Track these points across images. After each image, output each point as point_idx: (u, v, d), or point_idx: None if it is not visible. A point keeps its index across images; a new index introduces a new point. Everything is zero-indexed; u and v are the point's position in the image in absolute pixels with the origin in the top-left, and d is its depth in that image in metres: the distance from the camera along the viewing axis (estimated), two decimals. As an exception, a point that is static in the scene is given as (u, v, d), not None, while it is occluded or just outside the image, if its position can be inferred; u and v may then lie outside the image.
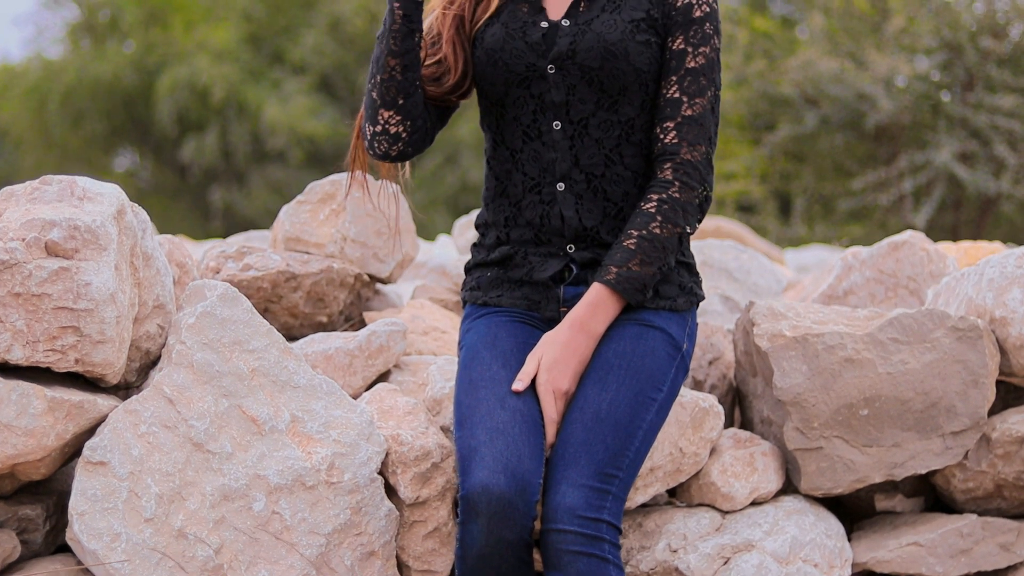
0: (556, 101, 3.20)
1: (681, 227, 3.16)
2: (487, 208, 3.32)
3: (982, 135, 11.40)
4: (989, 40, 11.38)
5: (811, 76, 11.40)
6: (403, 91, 3.17)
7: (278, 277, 3.69)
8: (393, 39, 3.15)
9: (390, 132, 3.20)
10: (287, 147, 20.40)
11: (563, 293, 3.23)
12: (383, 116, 3.19)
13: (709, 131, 3.22)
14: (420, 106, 3.20)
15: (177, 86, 20.58)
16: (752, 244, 7.08)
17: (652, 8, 3.22)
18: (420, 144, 3.24)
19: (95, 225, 3.03)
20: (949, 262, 4.05)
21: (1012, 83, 11.38)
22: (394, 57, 3.15)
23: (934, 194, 11.22)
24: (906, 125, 11.61)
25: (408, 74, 3.17)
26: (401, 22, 3.15)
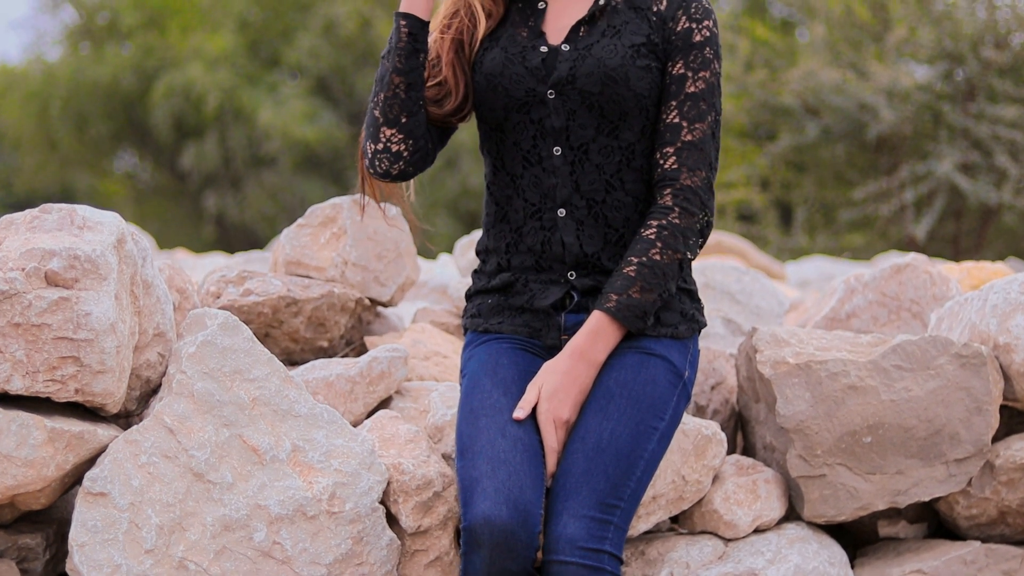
0: (556, 126, 3.19)
1: (681, 253, 3.15)
2: (487, 234, 3.31)
3: (983, 145, 11.38)
4: (990, 50, 11.36)
5: (812, 86, 11.38)
6: (406, 109, 3.16)
7: (279, 302, 3.68)
8: (398, 57, 3.14)
9: (392, 150, 3.18)
10: (281, 152, 20.37)
11: (564, 321, 3.22)
12: (385, 134, 3.17)
13: (709, 156, 3.21)
14: (423, 126, 3.19)
15: (172, 92, 20.56)
16: (753, 259, 7.07)
17: (652, 33, 3.21)
18: (421, 164, 3.23)
19: (95, 255, 3.02)
20: (952, 285, 4.03)
21: (1014, 93, 11.36)
22: (399, 75, 3.14)
23: (935, 204, 11.21)
24: (907, 135, 11.59)
25: (412, 93, 3.15)
26: (407, 40, 3.14)
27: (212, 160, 20.94)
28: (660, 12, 3.23)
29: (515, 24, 3.27)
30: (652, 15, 3.23)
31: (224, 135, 20.94)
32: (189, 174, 21.73)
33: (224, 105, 20.40)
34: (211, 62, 20.57)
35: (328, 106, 21.09)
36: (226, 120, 20.84)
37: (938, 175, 11.11)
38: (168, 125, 20.87)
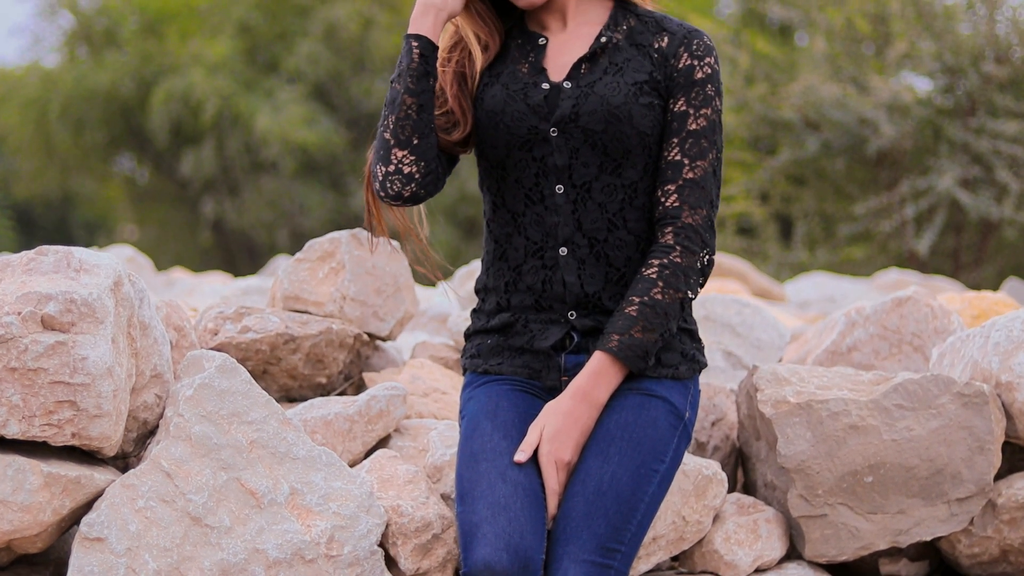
0: (559, 165, 3.17)
1: (683, 292, 3.13)
2: (486, 272, 3.29)
3: (984, 160, 11.36)
4: (991, 65, 11.35)
5: (812, 101, 11.36)
6: (418, 130, 3.13)
7: (277, 339, 3.66)
8: (411, 78, 3.12)
9: (403, 172, 3.14)
10: (279, 157, 20.33)
11: (564, 362, 3.20)
12: (396, 155, 3.14)
13: (711, 194, 3.19)
14: (434, 148, 3.16)
15: (171, 98, 20.53)
16: (753, 281, 7.05)
17: (654, 70, 3.19)
18: (432, 187, 3.19)
19: (92, 298, 3.00)
20: (953, 319, 4.02)
21: (1014, 108, 11.33)
22: (411, 96, 3.12)
23: (936, 220, 11.18)
24: (908, 150, 11.57)
25: (423, 114, 3.13)
26: (419, 62, 3.12)
27: (210, 166, 20.90)
28: (662, 49, 3.21)
29: (515, 60, 3.25)
30: (654, 52, 3.21)
31: (222, 141, 20.90)
32: (188, 180, 21.70)
33: (222, 111, 20.36)
34: (210, 68, 20.54)
35: (326, 111, 21.06)
36: (224, 126, 20.81)
37: (939, 190, 11.09)
38: (166, 131, 20.84)
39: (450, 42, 3.27)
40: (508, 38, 3.30)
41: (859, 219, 11.68)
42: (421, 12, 3.16)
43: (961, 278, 11.87)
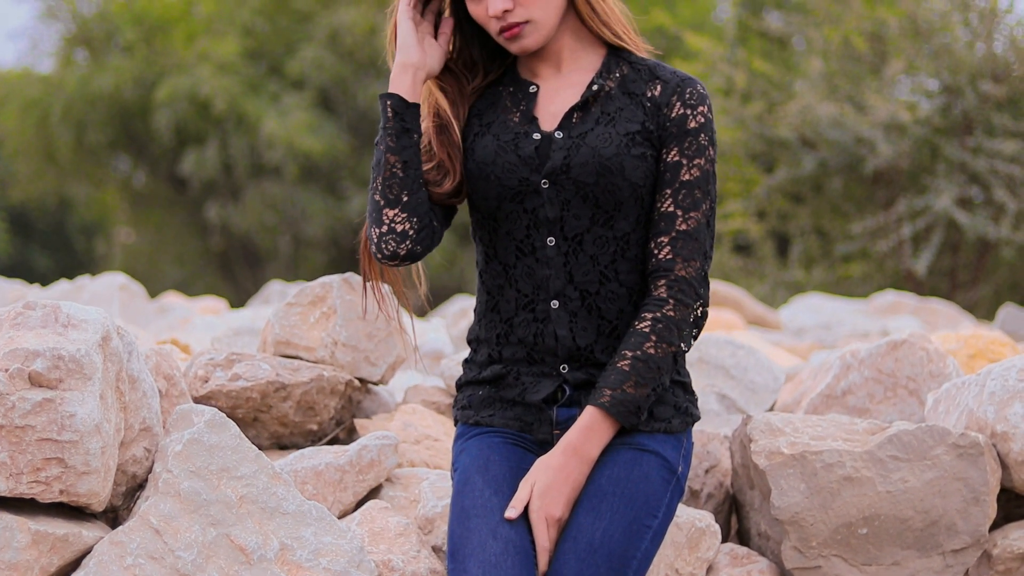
0: (550, 217, 3.14)
1: (676, 346, 3.11)
2: (479, 323, 3.26)
3: (981, 179, 11.35)
4: (989, 84, 11.33)
5: (809, 120, 11.35)
6: (406, 187, 3.10)
7: (267, 387, 3.63)
8: (390, 137, 3.10)
9: (396, 230, 3.11)
10: (284, 162, 20.29)
11: (556, 415, 3.18)
12: (388, 216, 3.11)
13: (704, 245, 3.17)
14: (425, 203, 3.13)
15: (176, 96, 20.47)
16: (748, 309, 7.03)
17: (647, 120, 3.17)
18: (428, 242, 3.16)
19: (79, 354, 2.98)
20: (949, 363, 3.99)
21: (1012, 127, 11.32)
22: (393, 154, 3.10)
23: (933, 239, 11.17)
24: (905, 169, 11.56)
25: (409, 171, 3.11)
26: (394, 120, 3.10)
27: (212, 167, 20.83)
28: (655, 98, 3.18)
29: (506, 109, 3.22)
30: (646, 101, 3.18)
31: (226, 143, 20.85)
32: (189, 182, 21.64)
33: (230, 110, 20.31)
34: (218, 66, 20.49)
35: (330, 117, 21.02)
36: (227, 128, 20.76)
37: (936, 210, 11.07)
38: (170, 130, 20.78)
39: (426, 108, 3.24)
40: (499, 85, 3.27)
41: (856, 238, 11.66)
42: (399, 72, 3.14)
43: (958, 297, 11.85)
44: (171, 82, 20.46)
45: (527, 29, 3.16)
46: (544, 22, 3.17)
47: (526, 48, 3.18)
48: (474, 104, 3.26)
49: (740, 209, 12.22)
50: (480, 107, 3.25)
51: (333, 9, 21.06)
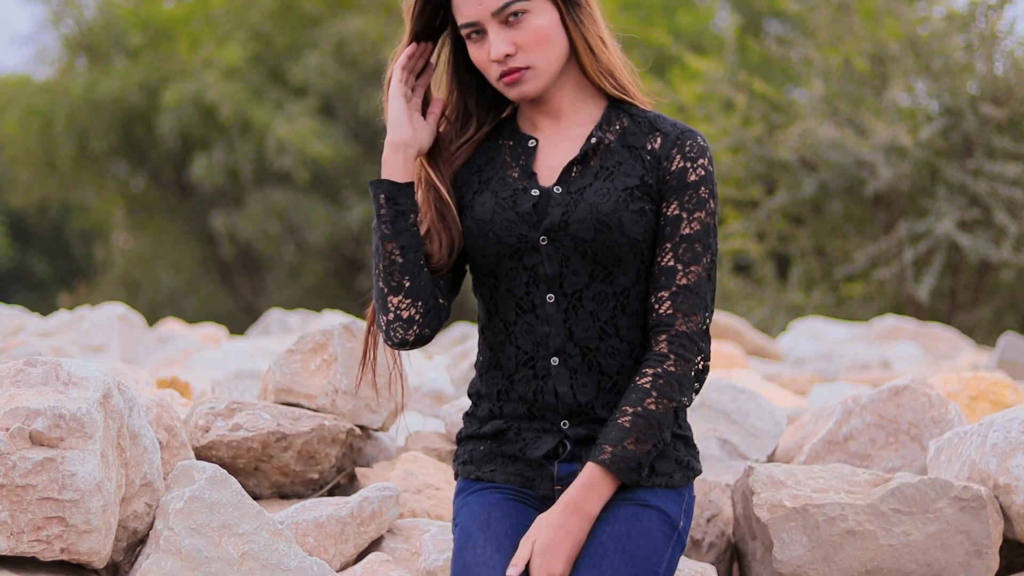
0: (549, 273, 3.13)
1: (677, 401, 3.10)
2: (480, 378, 3.25)
3: (981, 201, 11.35)
4: (989, 106, 11.33)
5: (810, 143, 11.35)
6: (407, 272, 3.10)
7: (268, 438, 3.63)
8: (384, 224, 3.09)
9: (403, 317, 3.12)
10: (293, 168, 20.25)
11: (557, 471, 3.16)
12: (392, 303, 3.12)
13: (705, 299, 3.16)
14: (428, 285, 3.13)
15: (182, 102, 20.45)
16: (748, 340, 7.03)
17: (646, 174, 3.16)
18: (435, 323, 3.16)
19: (80, 413, 2.98)
20: (951, 408, 3.99)
21: (1013, 149, 11.32)
22: (390, 241, 3.09)
23: (935, 263, 11.16)
24: (905, 191, 11.56)
25: (408, 255, 3.10)
26: (387, 206, 3.10)
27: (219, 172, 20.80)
28: (654, 151, 3.17)
29: (505, 164, 3.21)
30: (646, 154, 3.17)
31: (231, 149, 20.82)
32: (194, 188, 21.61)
33: (237, 116, 20.29)
34: (224, 72, 20.47)
35: (332, 124, 21.02)
36: (232, 134, 20.74)
37: (938, 233, 11.07)
38: (175, 135, 20.75)
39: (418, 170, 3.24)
40: (499, 138, 3.26)
41: (856, 263, 11.66)
42: (391, 151, 3.13)
43: (958, 318, 11.85)
44: (176, 88, 20.43)
45: (527, 75, 3.15)
46: (545, 69, 3.16)
47: (525, 95, 3.17)
48: (473, 159, 3.25)
49: (740, 230, 12.20)
50: (479, 162, 3.24)
51: (341, 17, 21.06)
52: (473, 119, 3.28)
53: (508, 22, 3.13)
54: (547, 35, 3.14)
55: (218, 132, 20.84)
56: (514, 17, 3.12)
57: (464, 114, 3.28)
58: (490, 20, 3.13)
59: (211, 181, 20.87)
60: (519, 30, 3.12)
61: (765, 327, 11.91)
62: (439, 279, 3.18)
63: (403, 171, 3.13)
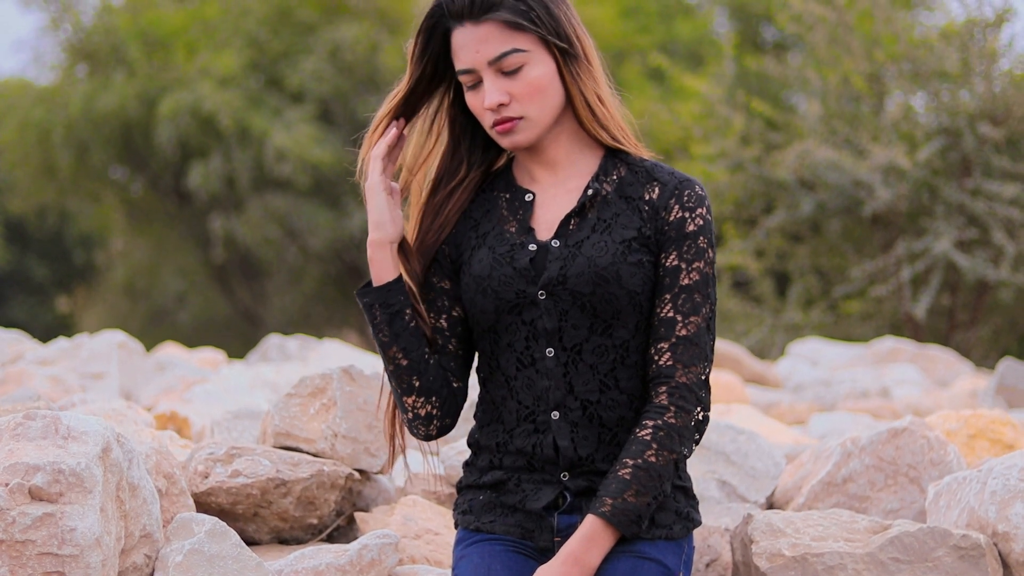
0: (548, 328, 3.14)
1: (677, 453, 3.10)
2: (480, 430, 3.25)
3: (979, 221, 11.35)
4: (987, 126, 11.34)
5: (808, 164, 11.36)
6: (414, 372, 3.13)
7: (267, 484, 3.63)
8: (381, 331, 3.14)
9: (420, 415, 3.17)
10: (292, 174, 20.25)
11: (557, 522, 3.17)
12: (408, 403, 3.17)
13: (704, 350, 3.16)
14: (439, 377, 3.16)
15: (179, 111, 20.44)
16: (747, 367, 7.04)
17: (644, 225, 3.16)
18: (454, 410, 3.21)
19: (80, 468, 2.98)
20: (950, 451, 3.99)
21: (1011, 169, 11.33)
22: (390, 346, 3.14)
23: (932, 282, 11.17)
24: (903, 211, 11.57)
25: (412, 355, 3.13)
26: (381, 312, 3.13)
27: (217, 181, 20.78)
28: (652, 201, 3.17)
29: (503, 219, 3.21)
30: (644, 204, 3.17)
31: (230, 156, 20.81)
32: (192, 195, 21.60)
33: (232, 125, 20.28)
34: (220, 81, 20.46)
35: (331, 130, 21.01)
36: (231, 142, 20.73)
37: (935, 253, 11.08)
38: (173, 145, 20.75)
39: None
40: (494, 190, 3.26)
41: (853, 281, 11.67)
42: (377, 250, 3.16)
43: (956, 337, 11.85)
44: (174, 97, 20.43)
45: (520, 125, 3.15)
46: (538, 120, 3.16)
47: (517, 144, 3.17)
48: (470, 213, 3.25)
49: (739, 248, 12.21)
50: (476, 216, 3.24)
51: (336, 24, 21.06)
52: (464, 163, 3.29)
53: (504, 71, 3.13)
54: (542, 86, 3.14)
55: (217, 140, 20.83)
56: (510, 67, 3.13)
57: (456, 157, 3.29)
58: (486, 68, 3.13)
59: (208, 189, 20.84)
60: (514, 80, 3.13)
61: (764, 347, 11.91)
62: (450, 360, 3.19)
63: (392, 268, 3.15)
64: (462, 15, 3.13)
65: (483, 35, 3.12)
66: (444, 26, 3.17)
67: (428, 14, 3.18)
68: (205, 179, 20.79)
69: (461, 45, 3.14)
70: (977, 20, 11.69)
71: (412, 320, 3.14)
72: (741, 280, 13.46)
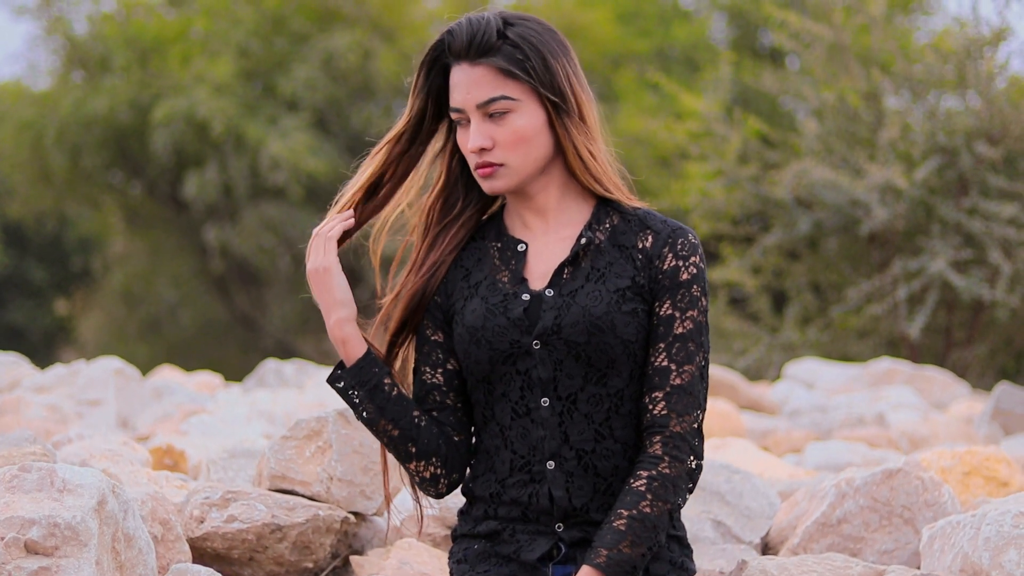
0: (543, 377, 3.14)
1: (672, 503, 3.11)
2: (474, 480, 3.26)
3: (976, 240, 11.36)
4: (984, 145, 11.35)
5: (805, 183, 11.37)
6: (409, 439, 3.15)
7: (263, 529, 3.64)
8: (364, 410, 3.16)
9: (426, 477, 3.20)
10: (287, 183, 20.24)
11: (552, 573, 3.17)
12: (411, 468, 3.20)
13: (698, 398, 3.17)
14: (436, 437, 3.17)
15: (173, 118, 20.44)
16: (743, 394, 7.04)
17: (638, 274, 3.16)
18: (459, 465, 3.23)
19: (75, 521, 2.98)
20: (944, 492, 4.00)
21: (1008, 188, 11.34)
22: (377, 422, 3.16)
23: (928, 301, 11.18)
24: (900, 230, 11.58)
25: (402, 423, 3.15)
26: (359, 391, 3.14)
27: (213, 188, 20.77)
28: (646, 250, 3.18)
29: (495, 268, 3.22)
30: (637, 253, 3.18)
31: (225, 164, 20.80)
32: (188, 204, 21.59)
33: (226, 133, 20.28)
34: (214, 88, 20.46)
35: (326, 138, 21.01)
36: (226, 150, 20.73)
37: (931, 272, 11.09)
38: (167, 152, 20.74)
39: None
40: (485, 240, 3.27)
41: (850, 301, 11.67)
42: (343, 329, 3.16)
43: (953, 356, 11.86)
44: (168, 104, 20.43)
45: (500, 172, 3.16)
46: (519, 170, 3.17)
47: (495, 189, 3.18)
48: (460, 261, 3.25)
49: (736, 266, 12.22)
50: (467, 265, 3.24)
51: (328, 32, 21.07)
52: (461, 199, 3.30)
53: (491, 116, 3.15)
54: (526, 137, 3.15)
55: (212, 148, 20.83)
56: (497, 113, 3.14)
57: (454, 193, 3.30)
58: (474, 110, 3.15)
59: (204, 198, 20.83)
60: (500, 126, 3.14)
61: (761, 366, 11.92)
62: (449, 415, 3.20)
63: (361, 342, 3.16)
64: (460, 55, 3.15)
65: (476, 77, 3.14)
66: (444, 62, 3.19)
67: (431, 48, 3.20)
68: (201, 189, 20.78)
69: (455, 84, 3.16)
70: (975, 38, 11.71)
71: (392, 388, 3.15)
72: (737, 296, 13.47)
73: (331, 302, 3.17)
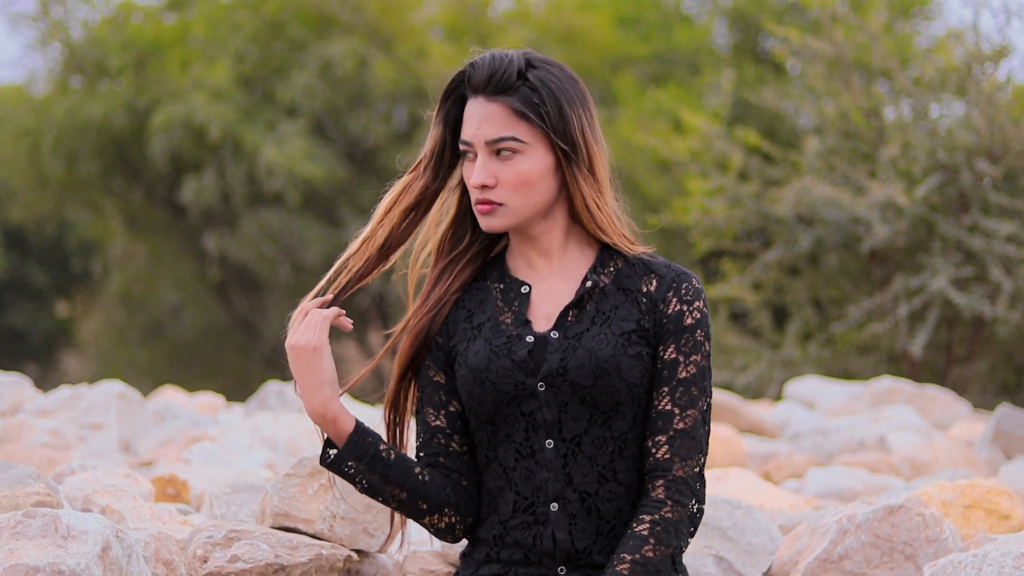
0: (548, 419, 3.15)
1: (675, 547, 3.12)
2: (478, 522, 3.27)
3: (977, 257, 11.37)
4: (984, 162, 11.36)
5: (806, 200, 11.38)
6: (418, 497, 3.17)
7: (266, 569, 3.64)
8: (366, 482, 3.16)
9: (441, 528, 3.21)
10: (284, 189, 20.22)
11: (555, 616, 3.18)
12: (426, 522, 3.21)
13: (701, 443, 3.18)
14: (443, 488, 3.18)
15: (172, 123, 20.43)
16: (744, 417, 7.05)
17: (643, 318, 3.17)
18: (473, 508, 3.23)
19: (80, 569, 3.00)
20: (946, 528, 4.01)
21: (1008, 206, 11.34)
22: (382, 491, 3.17)
23: (929, 319, 11.19)
24: (901, 247, 11.59)
25: (407, 484, 3.16)
26: (356, 465, 3.15)
27: (211, 194, 20.75)
28: (650, 294, 3.19)
29: (498, 310, 3.23)
30: (642, 297, 3.19)
31: (223, 170, 20.79)
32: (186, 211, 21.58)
33: (224, 139, 20.27)
34: (212, 94, 20.46)
35: (325, 145, 21.01)
36: (224, 155, 20.72)
37: (932, 290, 11.09)
38: (165, 157, 20.73)
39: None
40: (488, 281, 3.28)
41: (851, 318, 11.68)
42: (329, 407, 3.13)
43: (953, 373, 11.87)
44: (166, 109, 20.43)
45: (499, 211, 3.18)
46: (519, 211, 3.18)
47: (492, 228, 3.19)
48: (463, 302, 3.26)
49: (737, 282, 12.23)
50: (469, 306, 3.25)
51: (326, 40, 21.08)
52: (469, 232, 3.31)
53: (498, 154, 3.16)
54: (530, 181, 3.16)
55: (209, 153, 20.82)
56: (504, 152, 3.15)
57: (463, 225, 3.31)
58: (482, 146, 3.16)
59: (202, 204, 20.83)
60: (505, 165, 3.15)
61: (762, 383, 11.93)
62: (455, 460, 3.20)
63: (349, 417, 3.15)
64: (478, 88, 3.16)
65: (489, 114, 3.15)
66: (462, 93, 3.21)
67: (452, 79, 3.22)
68: (199, 194, 20.79)
69: (468, 117, 3.18)
70: (975, 54, 11.72)
71: (390, 453, 3.16)
72: (738, 312, 13.48)
73: (316, 382, 3.14)
